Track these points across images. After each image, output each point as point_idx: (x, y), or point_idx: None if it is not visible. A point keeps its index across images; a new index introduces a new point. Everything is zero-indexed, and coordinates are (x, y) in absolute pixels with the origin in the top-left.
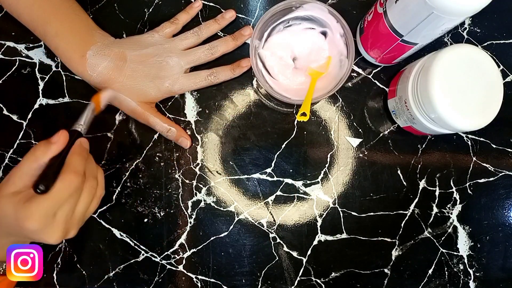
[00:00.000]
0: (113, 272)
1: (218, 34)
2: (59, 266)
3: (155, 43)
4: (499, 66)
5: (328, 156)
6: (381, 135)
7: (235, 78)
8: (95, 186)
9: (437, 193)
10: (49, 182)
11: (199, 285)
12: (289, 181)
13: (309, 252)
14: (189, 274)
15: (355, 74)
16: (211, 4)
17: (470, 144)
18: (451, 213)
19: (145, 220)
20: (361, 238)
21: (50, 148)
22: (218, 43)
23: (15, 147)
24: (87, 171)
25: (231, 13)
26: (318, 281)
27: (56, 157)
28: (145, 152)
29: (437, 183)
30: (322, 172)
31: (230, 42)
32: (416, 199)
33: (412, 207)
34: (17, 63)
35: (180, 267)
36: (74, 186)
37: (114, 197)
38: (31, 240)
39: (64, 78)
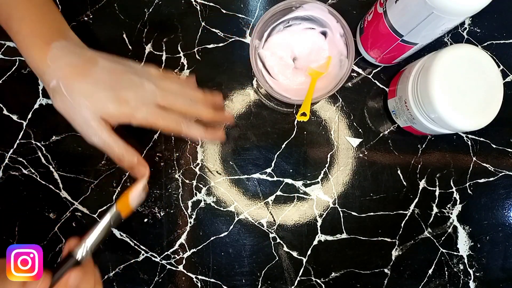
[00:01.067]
0: (113, 272)
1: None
2: None
3: (137, 68)
4: (499, 66)
5: (328, 156)
6: (381, 135)
7: (235, 78)
8: (90, 284)
9: (437, 193)
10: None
11: (199, 285)
12: (289, 181)
13: (309, 252)
14: (189, 274)
15: (355, 74)
16: (211, 4)
17: (470, 144)
18: (451, 213)
19: (145, 220)
20: (361, 238)
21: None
22: (200, 105)
23: (15, 147)
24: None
25: (219, 99)
26: (318, 281)
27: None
28: (145, 152)
29: (437, 183)
30: (322, 172)
31: (209, 114)
32: (416, 199)
33: (412, 207)
34: (17, 63)
35: (180, 267)
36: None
37: (114, 197)
38: None
39: None
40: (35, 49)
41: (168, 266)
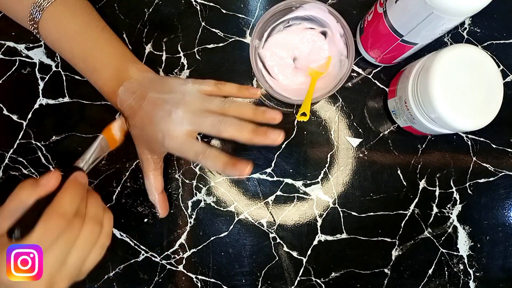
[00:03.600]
0: (113, 272)
1: None
2: None
3: (180, 91)
4: (499, 66)
5: (328, 156)
6: (381, 135)
7: (235, 78)
8: (97, 232)
9: (437, 193)
10: (27, 228)
11: (199, 285)
12: (289, 181)
13: (309, 252)
14: (189, 274)
15: (355, 74)
16: (211, 4)
17: (470, 144)
18: (451, 213)
19: (145, 220)
20: (361, 238)
21: (36, 190)
22: (232, 126)
23: (15, 147)
24: (88, 213)
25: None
26: (318, 281)
27: (44, 199)
28: None
29: (437, 183)
30: (322, 172)
31: (245, 133)
32: (416, 199)
33: (412, 207)
34: (17, 63)
35: (180, 267)
36: (57, 231)
37: (114, 197)
38: None
39: (64, 78)
40: (108, 97)
41: (168, 266)
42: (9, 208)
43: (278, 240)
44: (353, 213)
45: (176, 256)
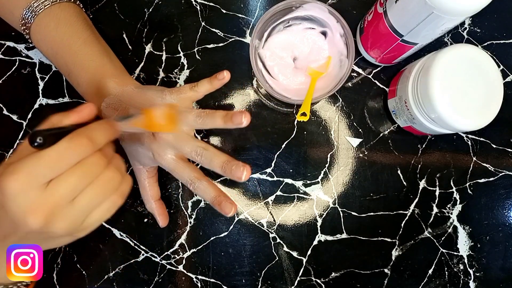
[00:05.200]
0: (113, 272)
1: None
2: (59, 266)
3: (160, 105)
4: (499, 66)
5: (328, 156)
6: (381, 135)
7: (235, 78)
8: (117, 181)
9: (437, 193)
10: (51, 138)
11: (199, 285)
12: (289, 181)
13: (309, 252)
14: (189, 274)
15: (355, 74)
16: (211, 4)
17: (470, 144)
18: (451, 213)
19: (145, 220)
20: (361, 238)
21: (69, 116)
22: (209, 152)
23: (15, 147)
24: (112, 160)
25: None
26: (318, 281)
27: (74, 126)
28: None
29: (437, 183)
30: (322, 172)
31: (214, 159)
32: (416, 199)
33: (412, 207)
34: (17, 63)
35: (180, 267)
36: (80, 153)
37: None
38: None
39: (64, 78)
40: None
41: (168, 266)
42: (22, 150)
43: (278, 240)
44: (353, 213)
45: (176, 256)
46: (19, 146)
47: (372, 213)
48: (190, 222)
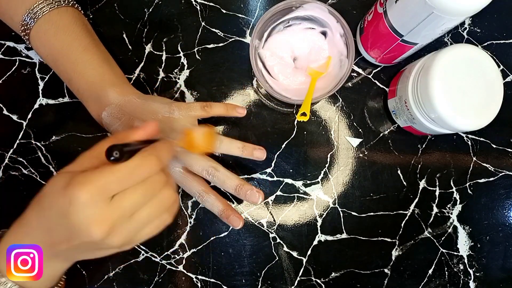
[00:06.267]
0: (113, 272)
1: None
2: None
3: (167, 121)
4: (499, 66)
5: (328, 156)
6: (381, 135)
7: (235, 78)
8: (172, 199)
9: (437, 193)
10: (126, 154)
11: (199, 285)
12: (289, 181)
13: (309, 252)
14: (189, 274)
15: (355, 74)
16: (211, 4)
17: (470, 144)
18: (451, 213)
19: None
20: (361, 238)
21: (135, 132)
22: (221, 174)
23: (15, 147)
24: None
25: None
26: (318, 281)
27: (138, 142)
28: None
29: (437, 183)
30: (322, 172)
31: (227, 181)
32: (416, 199)
33: (412, 207)
34: (17, 63)
35: (180, 267)
36: (149, 170)
37: None
38: (75, 240)
39: None
40: (95, 118)
41: (168, 266)
42: (98, 149)
43: (278, 240)
44: (353, 213)
45: (176, 256)
46: (80, 156)
47: (372, 213)
48: (190, 222)
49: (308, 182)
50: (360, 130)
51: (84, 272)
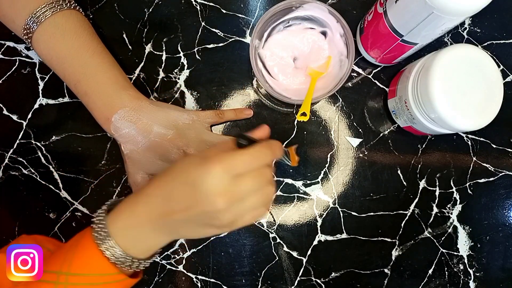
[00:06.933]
0: None
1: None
2: None
3: (186, 127)
4: (499, 66)
5: (328, 156)
6: (381, 135)
7: (235, 78)
8: (273, 194)
9: (437, 193)
10: (251, 140)
11: (199, 285)
12: (289, 181)
13: (309, 252)
14: (189, 274)
15: (355, 74)
16: (211, 4)
17: (470, 144)
18: (451, 213)
19: None
20: (361, 238)
21: (256, 132)
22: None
23: (15, 147)
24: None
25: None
26: (318, 281)
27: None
28: None
29: (437, 183)
30: (322, 172)
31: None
32: (416, 199)
33: (412, 207)
34: (17, 63)
35: (180, 267)
36: (265, 158)
37: (114, 197)
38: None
39: None
40: (100, 122)
41: (168, 266)
42: (226, 144)
43: (278, 240)
44: (353, 213)
45: (176, 256)
46: (220, 143)
47: (372, 213)
48: None
49: (308, 182)
50: (360, 130)
51: None
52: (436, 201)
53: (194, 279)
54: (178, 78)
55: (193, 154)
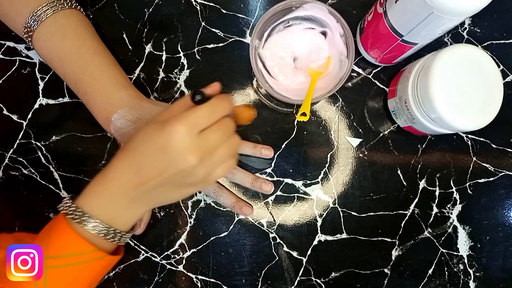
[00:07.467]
0: (113, 272)
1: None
2: None
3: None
4: (499, 66)
5: (328, 156)
6: (381, 135)
7: (235, 78)
8: (239, 143)
9: (437, 193)
10: (206, 95)
11: (199, 285)
12: (289, 181)
13: (309, 252)
14: (189, 274)
15: (355, 74)
16: (211, 4)
17: (470, 144)
18: (451, 213)
19: None
20: (361, 238)
21: (207, 88)
22: (239, 172)
23: (15, 147)
24: None
25: (269, 152)
26: (318, 281)
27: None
28: None
29: (437, 183)
30: (322, 172)
31: (245, 177)
32: (416, 199)
33: (412, 207)
34: (17, 63)
35: (180, 267)
36: (225, 110)
37: None
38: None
39: None
40: (100, 121)
41: (168, 266)
42: (178, 105)
43: (278, 240)
44: (353, 213)
45: (176, 256)
46: (175, 104)
47: (372, 213)
48: (190, 222)
49: (308, 182)
50: (360, 130)
51: None
52: (436, 201)
53: (194, 279)
54: (178, 78)
55: (148, 122)
